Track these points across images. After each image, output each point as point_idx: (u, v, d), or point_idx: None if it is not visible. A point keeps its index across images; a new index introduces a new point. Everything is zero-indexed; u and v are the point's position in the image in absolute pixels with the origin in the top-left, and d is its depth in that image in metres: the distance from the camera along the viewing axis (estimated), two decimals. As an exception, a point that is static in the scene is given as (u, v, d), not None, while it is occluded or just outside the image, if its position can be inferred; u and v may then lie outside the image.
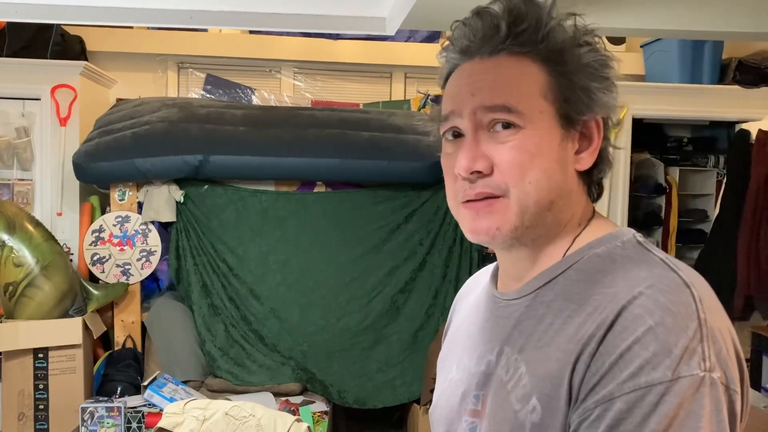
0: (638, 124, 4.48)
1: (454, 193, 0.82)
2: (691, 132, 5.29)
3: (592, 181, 0.84)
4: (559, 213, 0.80)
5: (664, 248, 5.02)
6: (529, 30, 0.78)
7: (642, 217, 5.10)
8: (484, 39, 0.79)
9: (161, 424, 1.81)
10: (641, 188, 5.07)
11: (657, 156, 5.11)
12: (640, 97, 4.36)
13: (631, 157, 4.60)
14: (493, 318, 0.86)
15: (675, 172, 5.12)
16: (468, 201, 0.80)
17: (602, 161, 0.82)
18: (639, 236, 0.80)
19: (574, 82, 0.78)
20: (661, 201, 5.13)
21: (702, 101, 4.46)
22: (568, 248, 0.80)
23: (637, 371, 0.66)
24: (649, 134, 4.94)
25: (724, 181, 4.63)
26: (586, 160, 0.80)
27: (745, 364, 0.71)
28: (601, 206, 4.32)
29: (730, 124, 4.79)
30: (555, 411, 0.71)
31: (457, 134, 0.81)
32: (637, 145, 4.62)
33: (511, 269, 0.86)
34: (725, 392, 0.67)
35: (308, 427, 1.83)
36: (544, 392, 0.73)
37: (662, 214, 5.11)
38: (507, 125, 0.77)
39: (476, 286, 0.99)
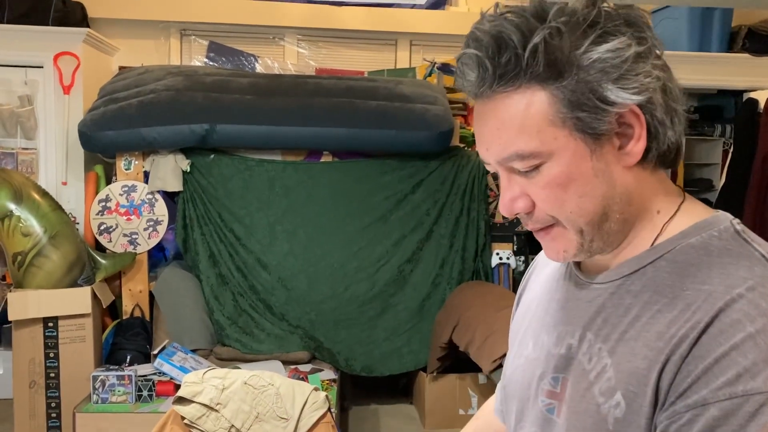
0: (646, 93, 4.44)
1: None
2: (697, 101, 5.26)
3: (658, 159, 0.75)
4: (622, 215, 0.75)
5: (669, 218, 5.02)
6: (513, 59, 0.71)
7: (647, 187, 5.09)
8: (477, 83, 0.74)
9: (181, 393, 1.83)
10: (647, 157, 5.05)
11: (663, 125, 5.07)
12: (648, 65, 4.32)
13: (638, 126, 4.58)
14: (574, 299, 0.82)
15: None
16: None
17: (658, 136, 0.73)
18: (737, 224, 0.74)
19: (580, 92, 0.71)
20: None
21: (710, 69, 4.42)
22: (657, 236, 0.76)
23: (735, 379, 0.63)
24: (655, 103, 4.91)
25: (731, 150, 4.62)
26: (634, 154, 0.73)
27: None
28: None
29: (738, 93, 4.76)
30: (639, 409, 0.69)
31: None
32: (643, 114, 4.59)
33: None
34: None
35: (326, 396, 1.84)
36: (629, 389, 0.70)
37: (667, 183, 5.11)
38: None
39: None
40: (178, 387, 3.19)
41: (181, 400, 1.84)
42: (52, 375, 3.41)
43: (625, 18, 0.72)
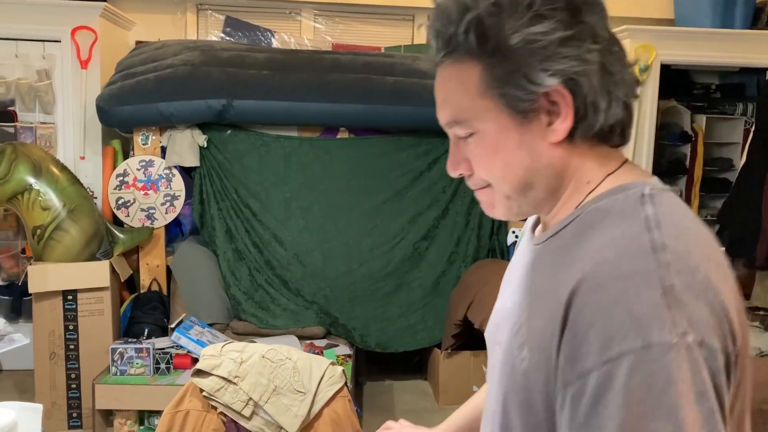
0: (666, 70, 4.38)
1: None
2: (719, 79, 5.18)
3: (597, 137, 0.78)
4: (549, 186, 0.80)
5: (688, 197, 4.99)
6: (454, 33, 0.76)
7: (666, 166, 5.05)
8: (435, 53, 0.80)
9: (199, 366, 1.84)
10: (666, 136, 4.99)
11: (684, 103, 5.01)
12: (669, 42, 4.26)
13: (658, 104, 4.52)
14: (522, 260, 0.89)
15: (701, 120, 5.04)
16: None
17: (587, 116, 0.76)
18: (652, 188, 0.76)
19: (509, 69, 0.75)
20: (687, 149, 5.06)
21: (733, 47, 4.34)
22: (582, 201, 0.79)
23: (608, 343, 0.65)
24: (676, 81, 4.84)
25: (752, 129, 4.55)
26: (559, 132, 0.77)
27: (733, 315, 0.68)
28: (625, 154, 4.27)
29: (761, 71, 4.68)
30: (537, 364, 0.74)
31: None
32: (664, 92, 4.53)
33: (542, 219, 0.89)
34: (701, 352, 0.65)
35: (343, 370, 1.86)
36: (533, 344, 0.76)
37: (687, 162, 5.06)
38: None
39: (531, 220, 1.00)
40: (195, 360, 3.24)
41: (200, 373, 1.86)
42: (72, 347, 3.47)
43: (568, 3, 0.74)
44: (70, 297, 3.45)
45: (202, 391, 1.84)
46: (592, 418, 0.66)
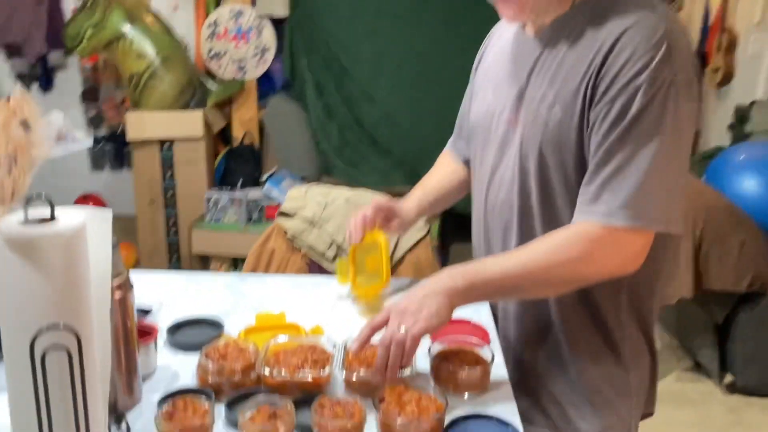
0: None
1: None
2: None
3: None
4: None
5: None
6: None
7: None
8: None
9: (283, 208, 1.84)
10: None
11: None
12: None
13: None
14: (522, 54, 1.19)
15: None
16: None
17: None
18: None
19: None
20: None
21: None
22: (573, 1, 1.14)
23: (634, 76, 1.02)
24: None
25: None
26: None
27: (696, 61, 1.09)
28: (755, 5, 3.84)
29: None
30: (573, 112, 1.08)
31: None
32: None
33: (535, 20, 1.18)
34: (684, 85, 1.03)
35: (426, 218, 1.81)
36: (565, 101, 1.08)
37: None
38: None
39: (506, 30, 1.30)
40: (285, 211, 3.31)
41: (285, 215, 1.86)
42: (170, 194, 3.61)
43: None
44: (166, 146, 3.55)
45: (286, 232, 1.86)
46: (626, 108, 1.02)
